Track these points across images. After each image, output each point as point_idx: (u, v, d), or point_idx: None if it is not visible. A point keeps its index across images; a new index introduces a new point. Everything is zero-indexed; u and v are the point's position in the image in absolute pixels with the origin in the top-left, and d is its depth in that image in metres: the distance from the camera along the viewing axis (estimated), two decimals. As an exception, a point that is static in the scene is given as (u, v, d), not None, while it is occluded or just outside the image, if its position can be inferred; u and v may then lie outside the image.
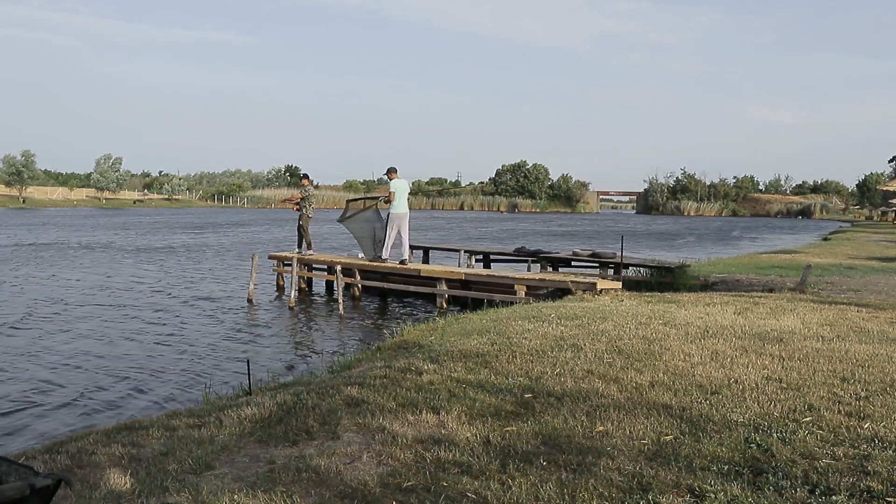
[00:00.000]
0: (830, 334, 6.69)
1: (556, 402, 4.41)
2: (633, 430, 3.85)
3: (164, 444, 3.97)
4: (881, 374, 5.07)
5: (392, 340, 7.80)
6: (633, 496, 3.02)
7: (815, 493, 3.03)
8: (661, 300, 9.49)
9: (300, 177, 15.75)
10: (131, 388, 7.34)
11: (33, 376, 7.69)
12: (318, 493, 3.14)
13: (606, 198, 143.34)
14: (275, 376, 7.12)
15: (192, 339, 9.92)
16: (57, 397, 6.94)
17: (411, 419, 4.15)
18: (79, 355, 8.74)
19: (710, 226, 62.50)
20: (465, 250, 17.87)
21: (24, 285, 15.14)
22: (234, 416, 4.40)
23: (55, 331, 10.27)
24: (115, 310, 12.20)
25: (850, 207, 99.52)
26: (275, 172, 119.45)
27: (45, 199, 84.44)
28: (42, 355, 8.71)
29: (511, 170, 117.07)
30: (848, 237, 34.14)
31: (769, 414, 4.12)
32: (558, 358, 5.65)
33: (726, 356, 5.68)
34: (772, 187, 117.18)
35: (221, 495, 3.11)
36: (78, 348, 9.14)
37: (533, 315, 8.10)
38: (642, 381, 4.91)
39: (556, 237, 37.78)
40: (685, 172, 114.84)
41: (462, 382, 4.94)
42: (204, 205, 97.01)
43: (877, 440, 3.66)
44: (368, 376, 5.28)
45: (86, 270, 18.16)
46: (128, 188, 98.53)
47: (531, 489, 3.10)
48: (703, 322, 7.39)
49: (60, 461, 3.72)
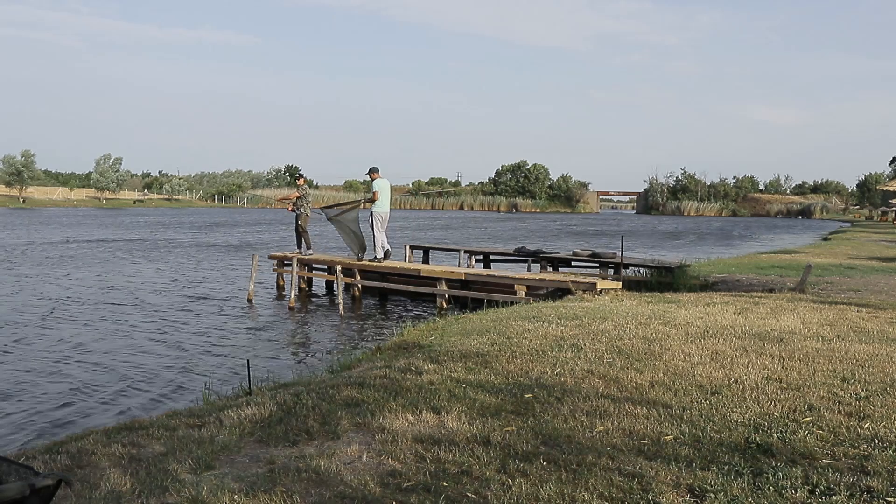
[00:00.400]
0: (830, 334, 6.69)
1: (556, 402, 4.41)
2: (633, 430, 3.85)
3: (164, 444, 3.97)
4: (881, 374, 5.07)
5: (392, 340, 7.80)
6: (633, 496, 3.02)
7: (815, 493, 3.03)
8: (661, 300, 9.49)
9: (296, 177, 15.83)
10: (131, 387, 7.34)
11: (31, 376, 7.68)
12: (318, 493, 3.14)
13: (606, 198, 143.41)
14: (275, 376, 7.12)
15: (192, 338, 9.92)
16: (56, 397, 6.94)
17: (411, 419, 4.15)
18: (78, 355, 8.74)
19: (711, 225, 62.50)
20: (465, 250, 17.86)
21: (20, 284, 15.14)
22: (234, 416, 4.40)
23: (53, 330, 10.27)
24: (115, 309, 12.19)
25: (850, 207, 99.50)
26: (275, 172, 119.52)
27: (45, 199, 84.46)
28: (40, 354, 8.71)
29: (511, 170, 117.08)
30: (848, 237, 34.13)
31: (769, 414, 4.12)
32: (558, 358, 5.65)
33: (726, 356, 5.68)
34: (772, 187, 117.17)
35: (221, 495, 3.11)
36: (76, 348, 9.14)
37: (533, 315, 8.11)
38: (642, 381, 4.91)
39: (559, 237, 37.79)
40: (685, 172, 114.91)
41: (462, 382, 4.94)
42: (204, 205, 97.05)
43: (877, 440, 3.66)
44: (368, 376, 5.28)
45: (85, 270, 18.15)
46: (128, 188, 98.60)
47: (531, 489, 3.10)
48: (703, 322, 7.39)
49: (60, 461, 3.73)
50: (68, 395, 7.00)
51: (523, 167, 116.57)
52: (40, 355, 8.71)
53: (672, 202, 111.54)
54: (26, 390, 7.15)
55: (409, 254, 18.19)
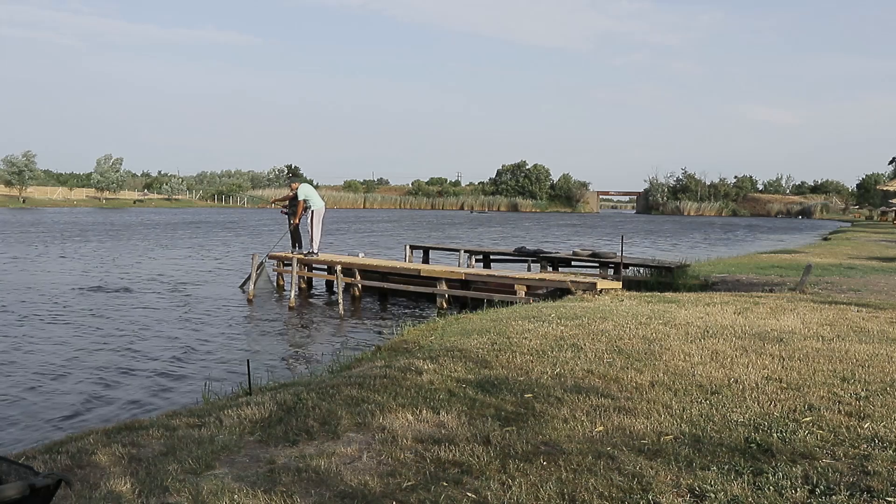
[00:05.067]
0: (830, 334, 6.69)
1: (556, 401, 4.41)
2: (633, 430, 3.85)
3: (164, 443, 3.97)
4: (881, 374, 5.07)
5: (392, 340, 7.80)
6: (633, 496, 3.02)
7: (815, 493, 3.03)
8: (661, 300, 9.49)
9: (289, 177, 16.13)
10: (131, 387, 7.33)
11: (30, 375, 7.68)
12: (318, 493, 3.14)
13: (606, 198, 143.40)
14: (275, 376, 7.12)
15: (192, 338, 9.91)
16: (55, 397, 6.94)
17: (411, 419, 4.15)
18: (77, 354, 8.73)
19: (712, 225, 62.48)
20: (465, 250, 17.85)
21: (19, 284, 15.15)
22: (235, 415, 4.40)
23: (51, 329, 10.26)
24: (115, 309, 12.19)
25: (850, 207, 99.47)
26: (275, 172, 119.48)
27: (45, 198, 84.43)
28: (38, 354, 8.71)
29: (511, 170, 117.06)
30: (848, 237, 34.11)
31: (769, 414, 4.12)
32: (558, 358, 5.65)
33: (726, 356, 5.68)
34: (772, 187, 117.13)
35: (221, 495, 3.11)
36: (75, 347, 9.13)
37: (533, 315, 8.10)
38: (642, 380, 4.91)
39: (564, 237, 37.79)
40: (685, 172, 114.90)
41: (462, 382, 4.94)
42: (204, 204, 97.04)
43: (877, 440, 3.66)
44: (368, 376, 5.28)
45: (85, 270, 18.16)
46: (128, 188, 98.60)
47: (531, 489, 3.10)
48: (703, 322, 7.39)
49: (60, 461, 3.72)
50: (68, 395, 6.99)
51: (523, 167, 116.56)
52: (40, 355, 8.71)
53: (672, 202, 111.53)
54: (26, 390, 7.14)
55: (409, 254, 18.19)
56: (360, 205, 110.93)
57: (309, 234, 14.82)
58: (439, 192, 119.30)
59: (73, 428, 5.78)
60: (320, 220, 14.91)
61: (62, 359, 8.53)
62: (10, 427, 6.03)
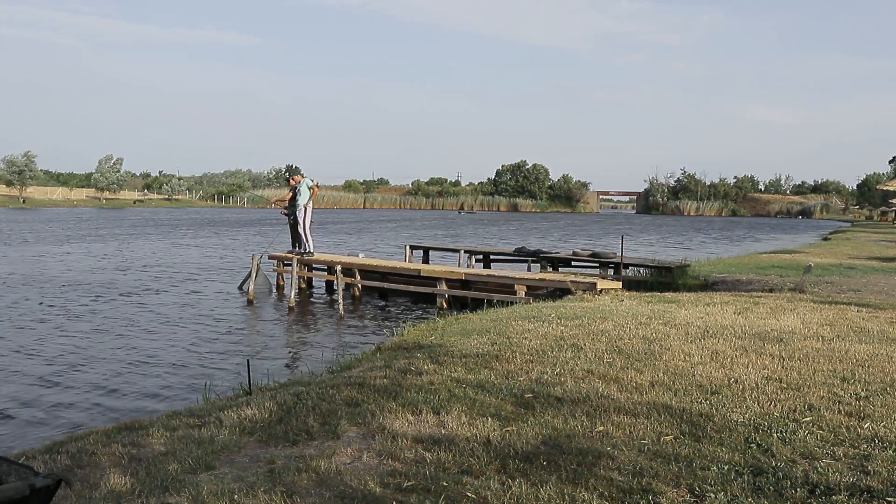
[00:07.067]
0: (830, 334, 6.69)
1: (556, 402, 4.41)
2: (633, 430, 3.85)
3: (165, 444, 3.97)
4: (881, 374, 5.07)
5: (392, 340, 7.80)
6: (633, 496, 3.02)
7: (815, 493, 3.03)
8: (661, 300, 9.49)
9: (288, 177, 15.83)
10: (131, 387, 7.33)
11: (29, 375, 7.68)
12: (318, 493, 3.14)
13: (606, 198, 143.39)
14: (275, 376, 7.11)
15: (192, 338, 9.91)
16: (55, 397, 6.94)
17: (411, 419, 4.15)
18: (76, 354, 8.73)
19: (712, 225, 62.46)
20: (465, 250, 17.84)
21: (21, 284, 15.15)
22: (235, 416, 4.40)
23: (51, 329, 10.26)
24: (115, 309, 12.19)
25: (850, 207, 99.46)
26: (275, 172, 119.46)
27: (45, 198, 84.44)
28: (38, 354, 8.70)
29: (511, 170, 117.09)
30: (848, 237, 34.11)
31: (769, 414, 4.12)
32: (558, 358, 5.65)
33: (726, 356, 5.68)
34: (772, 187, 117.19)
35: (221, 495, 3.11)
36: (75, 347, 9.13)
37: (533, 315, 8.10)
38: (642, 381, 4.91)
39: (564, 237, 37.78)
40: (685, 172, 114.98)
41: (462, 382, 4.94)
42: (204, 205, 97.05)
43: (877, 440, 3.66)
44: (368, 376, 5.28)
45: (84, 269, 18.15)
46: (128, 188, 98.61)
47: (531, 489, 3.10)
48: (703, 322, 7.38)
49: (60, 461, 3.73)
50: (68, 395, 6.99)
51: (523, 167, 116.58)
52: (40, 355, 8.70)
53: (672, 202, 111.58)
54: (25, 390, 7.14)
55: (409, 254, 18.18)
56: (359, 205, 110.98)
57: (303, 234, 14.88)
58: (439, 193, 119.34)
59: (73, 428, 5.79)
60: (310, 217, 15.08)
61: (62, 359, 8.53)
62: (10, 427, 6.03)
